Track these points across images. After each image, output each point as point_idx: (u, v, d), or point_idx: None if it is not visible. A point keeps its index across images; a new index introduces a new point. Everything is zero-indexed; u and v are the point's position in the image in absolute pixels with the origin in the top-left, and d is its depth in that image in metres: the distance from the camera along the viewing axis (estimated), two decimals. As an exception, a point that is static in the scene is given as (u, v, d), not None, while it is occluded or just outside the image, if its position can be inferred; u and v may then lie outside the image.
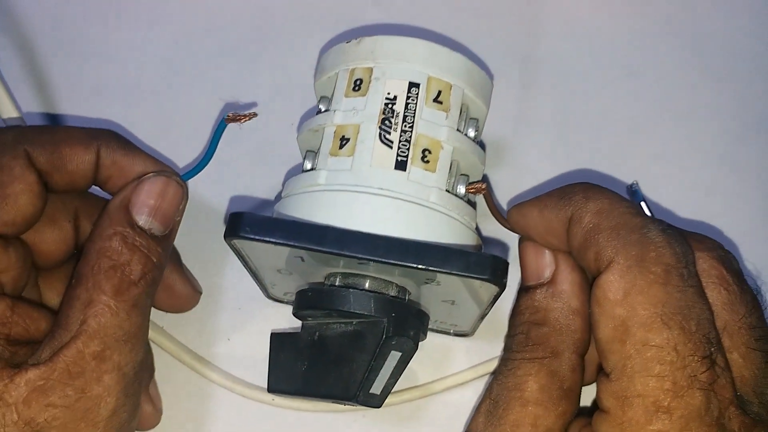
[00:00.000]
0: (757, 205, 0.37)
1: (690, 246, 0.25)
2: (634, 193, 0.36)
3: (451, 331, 0.33)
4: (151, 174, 0.28)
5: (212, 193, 0.36)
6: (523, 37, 0.40)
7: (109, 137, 0.29)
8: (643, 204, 0.35)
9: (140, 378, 0.26)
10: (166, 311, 0.33)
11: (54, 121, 0.38)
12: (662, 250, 0.24)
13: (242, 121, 0.28)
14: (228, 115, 0.28)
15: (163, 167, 0.29)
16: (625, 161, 0.37)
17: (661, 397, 0.22)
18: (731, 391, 0.23)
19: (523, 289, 0.28)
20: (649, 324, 0.23)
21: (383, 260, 0.25)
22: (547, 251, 0.28)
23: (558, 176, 0.37)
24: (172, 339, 0.33)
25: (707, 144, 0.38)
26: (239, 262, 0.29)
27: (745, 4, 0.42)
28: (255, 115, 0.28)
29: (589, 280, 0.26)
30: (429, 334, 0.32)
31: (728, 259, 0.26)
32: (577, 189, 0.27)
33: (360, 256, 0.25)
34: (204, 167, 0.29)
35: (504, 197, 0.36)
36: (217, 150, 0.29)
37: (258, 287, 0.32)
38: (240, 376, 0.32)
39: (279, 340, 0.30)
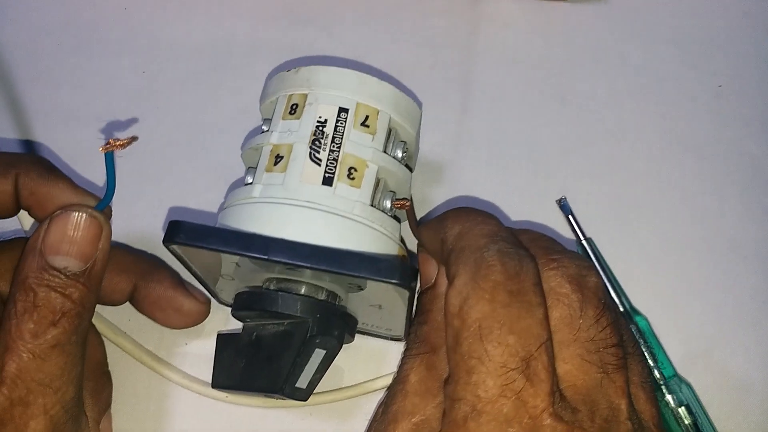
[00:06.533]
0: (676, 215, 0.39)
1: (533, 264, 0.26)
2: (562, 207, 0.38)
3: (388, 336, 0.35)
4: (59, 211, 0.26)
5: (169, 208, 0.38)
6: (462, 65, 0.43)
7: (29, 165, 0.28)
8: (570, 217, 0.38)
9: (74, 415, 0.26)
10: (182, 328, 0.34)
11: (28, 147, 0.39)
12: (493, 268, 0.25)
13: (119, 148, 0.26)
14: (109, 142, 0.26)
15: (83, 197, 0.28)
16: (555, 178, 0.39)
17: (476, 402, 0.23)
18: (546, 400, 0.23)
19: (420, 293, 0.31)
20: (473, 336, 0.24)
21: (301, 264, 0.27)
22: (434, 260, 0.30)
23: (493, 193, 0.39)
24: (135, 343, 0.34)
25: (631, 162, 0.40)
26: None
27: (665, 32, 0.44)
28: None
29: None
30: (369, 338, 0.35)
31: (580, 277, 0.26)
32: (451, 214, 0.29)
33: (281, 260, 0.27)
34: (111, 198, 0.27)
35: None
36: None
37: (208, 293, 0.34)
38: (196, 376, 0.34)
39: (223, 340, 0.32)
